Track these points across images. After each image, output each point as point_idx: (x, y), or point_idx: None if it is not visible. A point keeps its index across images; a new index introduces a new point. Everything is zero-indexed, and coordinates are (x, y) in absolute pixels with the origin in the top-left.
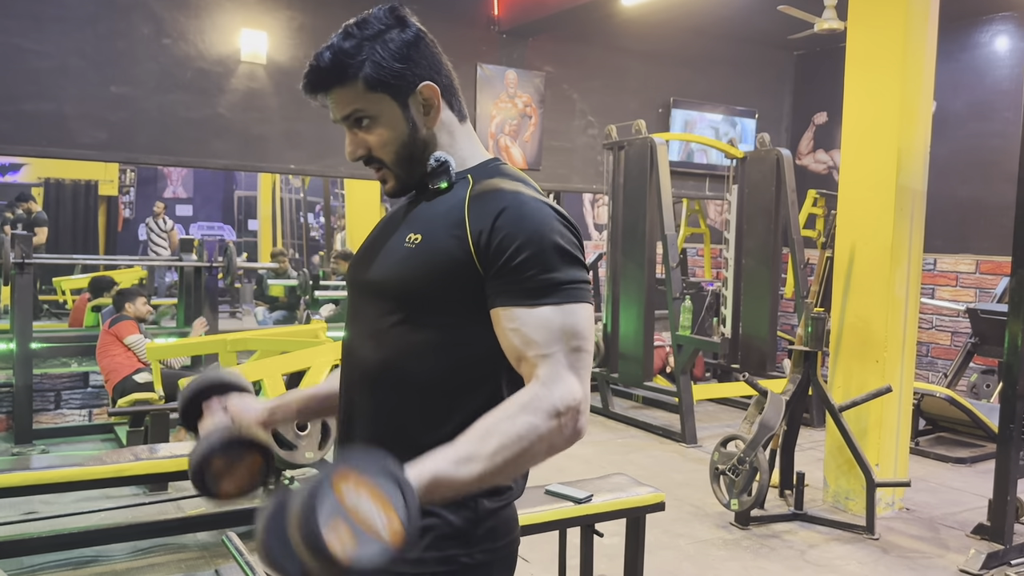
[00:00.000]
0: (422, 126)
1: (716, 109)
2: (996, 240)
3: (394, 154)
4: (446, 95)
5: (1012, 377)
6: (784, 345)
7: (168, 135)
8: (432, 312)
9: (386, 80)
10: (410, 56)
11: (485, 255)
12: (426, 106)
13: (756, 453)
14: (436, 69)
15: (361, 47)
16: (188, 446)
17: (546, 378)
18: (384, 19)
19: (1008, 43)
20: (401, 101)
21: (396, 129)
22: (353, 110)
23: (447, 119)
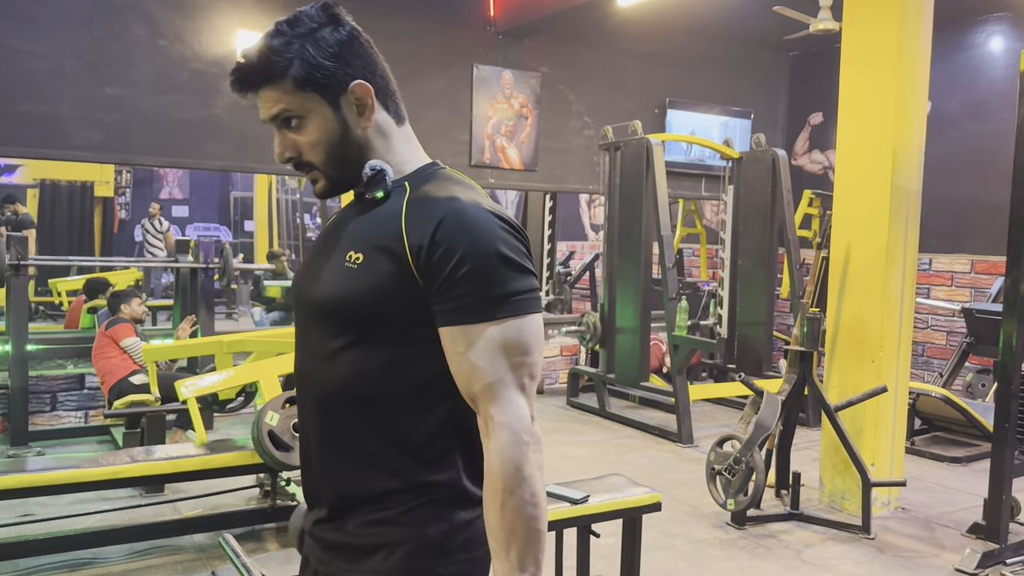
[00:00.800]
0: (355, 127)
1: (712, 110)
2: (991, 240)
3: (325, 155)
4: (381, 95)
5: (1007, 376)
6: (780, 345)
7: (164, 136)
8: (381, 333)
9: (316, 79)
10: (342, 55)
11: (426, 271)
12: (359, 106)
13: (752, 453)
14: (371, 69)
15: (291, 44)
16: (184, 448)
17: (498, 416)
18: (316, 17)
19: (1003, 43)
20: (332, 100)
21: (327, 129)
22: (282, 109)
23: (382, 120)
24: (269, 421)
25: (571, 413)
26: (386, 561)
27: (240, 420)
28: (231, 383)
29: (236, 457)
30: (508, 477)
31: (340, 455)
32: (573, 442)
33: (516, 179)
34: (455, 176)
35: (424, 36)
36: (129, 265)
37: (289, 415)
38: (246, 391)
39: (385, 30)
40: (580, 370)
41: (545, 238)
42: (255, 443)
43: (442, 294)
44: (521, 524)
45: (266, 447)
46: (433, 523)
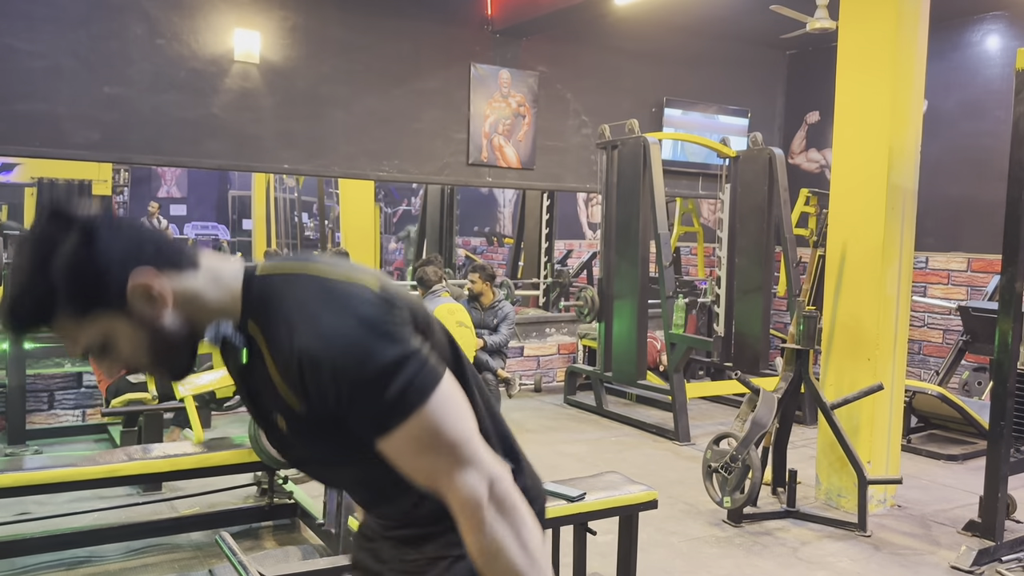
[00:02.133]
0: (160, 316)
1: (709, 108)
2: (987, 238)
3: (150, 357)
4: (162, 264)
5: (1003, 374)
6: (777, 343)
7: (162, 135)
8: (353, 461)
9: (92, 300)
10: (99, 258)
11: (318, 401)
12: (148, 300)
13: (749, 451)
14: (135, 247)
15: (43, 281)
16: (181, 446)
17: (453, 504)
18: (51, 234)
19: (999, 42)
20: (121, 308)
21: (136, 337)
22: (84, 345)
23: (180, 287)
24: None
25: (568, 411)
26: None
27: (238, 418)
28: (228, 381)
29: (233, 455)
30: (482, 561)
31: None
32: (570, 440)
33: (514, 178)
34: (276, 274)
35: (422, 35)
36: None
37: None
38: None
39: (383, 30)
40: (577, 368)
41: (543, 236)
42: (252, 441)
43: (351, 416)
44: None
45: (263, 445)
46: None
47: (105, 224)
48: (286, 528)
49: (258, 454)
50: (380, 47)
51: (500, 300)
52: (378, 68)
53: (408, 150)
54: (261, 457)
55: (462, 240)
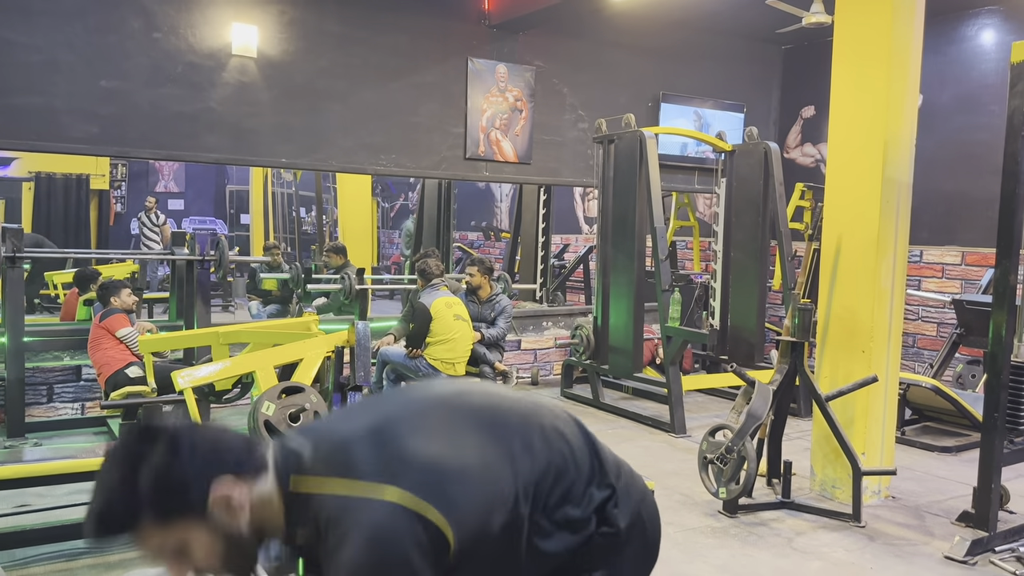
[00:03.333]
0: (237, 524)
1: (705, 103)
2: (981, 232)
3: (222, 561)
4: (240, 472)
5: (996, 367)
6: (772, 336)
7: (159, 129)
8: None
9: (177, 510)
10: (185, 471)
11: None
12: (227, 508)
13: (744, 442)
14: (217, 457)
15: (131, 493)
16: None
17: None
18: (138, 448)
19: (994, 36)
20: (199, 517)
21: (212, 543)
22: (160, 550)
23: (255, 494)
24: (265, 411)
25: (565, 404)
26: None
27: (236, 411)
28: (227, 374)
29: None
30: None
31: None
32: None
33: (510, 172)
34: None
35: (419, 29)
36: (125, 258)
37: (285, 405)
38: (242, 382)
39: (380, 23)
40: (574, 362)
41: (539, 231)
42: (251, 433)
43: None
44: None
45: (262, 436)
46: None
47: (188, 435)
48: None
49: None
50: (377, 41)
51: (498, 294)
52: (375, 62)
53: (405, 144)
54: None
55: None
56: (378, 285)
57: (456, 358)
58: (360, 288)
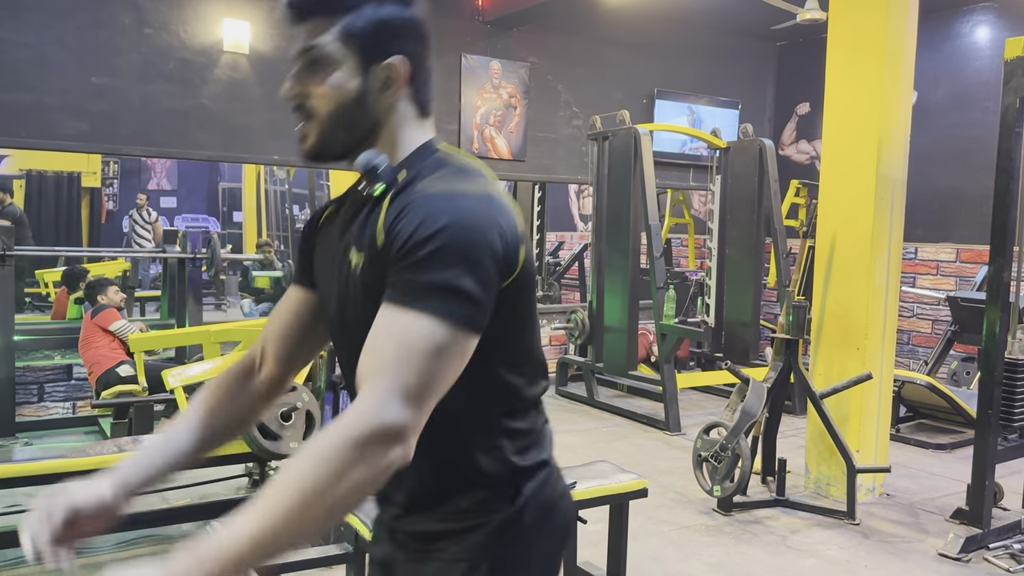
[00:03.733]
0: (373, 99)
1: (700, 100)
2: (976, 229)
3: (328, 111)
4: (414, 83)
5: (990, 364)
6: (767, 333)
7: (151, 126)
8: None
9: (361, 36)
10: (395, 32)
11: (387, 256)
12: (385, 82)
13: (738, 440)
14: (417, 57)
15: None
16: None
17: (361, 402)
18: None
19: (988, 33)
20: (364, 64)
21: (344, 86)
22: (314, 47)
23: (404, 107)
24: None
25: (560, 402)
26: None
27: None
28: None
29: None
30: (309, 455)
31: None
32: (562, 431)
33: (505, 169)
34: (452, 161)
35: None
36: (117, 256)
37: (276, 403)
38: None
39: None
40: (569, 359)
41: (534, 228)
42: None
43: (390, 275)
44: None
45: (253, 436)
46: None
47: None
48: None
49: (249, 445)
50: None
51: None
52: None
53: None
54: (252, 448)
55: None
56: None
57: None
58: None
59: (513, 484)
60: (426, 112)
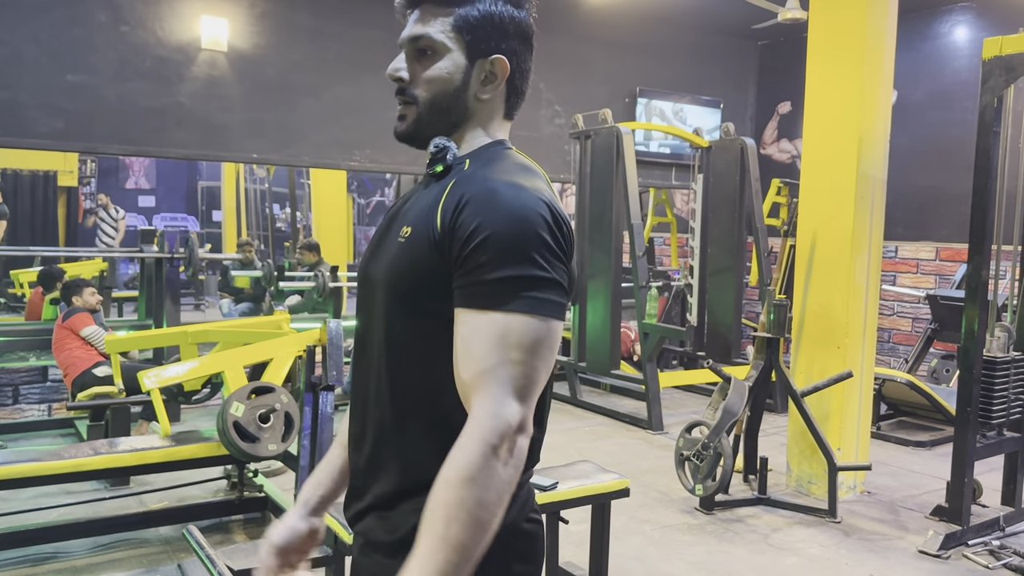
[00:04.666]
0: (472, 91)
1: (682, 99)
2: (955, 228)
3: (430, 95)
4: (511, 85)
5: (969, 362)
6: (749, 332)
7: (128, 124)
8: (421, 310)
9: (473, 28)
10: (507, 29)
11: (447, 245)
12: (488, 76)
13: (720, 439)
14: (519, 59)
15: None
16: (149, 440)
17: (477, 409)
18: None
19: (967, 33)
20: (470, 56)
21: (448, 75)
22: (426, 35)
23: (496, 104)
24: (234, 412)
25: None
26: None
27: (207, 411)
28: (196, 374)
29: (202, 449)
30: (457, 477)
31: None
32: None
33: None
34: (515, 158)
35: (393, 22)
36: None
37: (255, 405)
38: (212, 382)
39: (354, 17)
40: None
41: None
42: (220, 434)
43: (457, 271)
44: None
45: (231, 438)
46: None
47: (530, 31)
48: (256, 522)
49: (227, 447)
50: (351, 35)
51: None
52: (349, 56)
53: (380, 139)
54: (230, 450)
55: None
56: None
57: None
58: (334, 286)
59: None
60: (511, 114)
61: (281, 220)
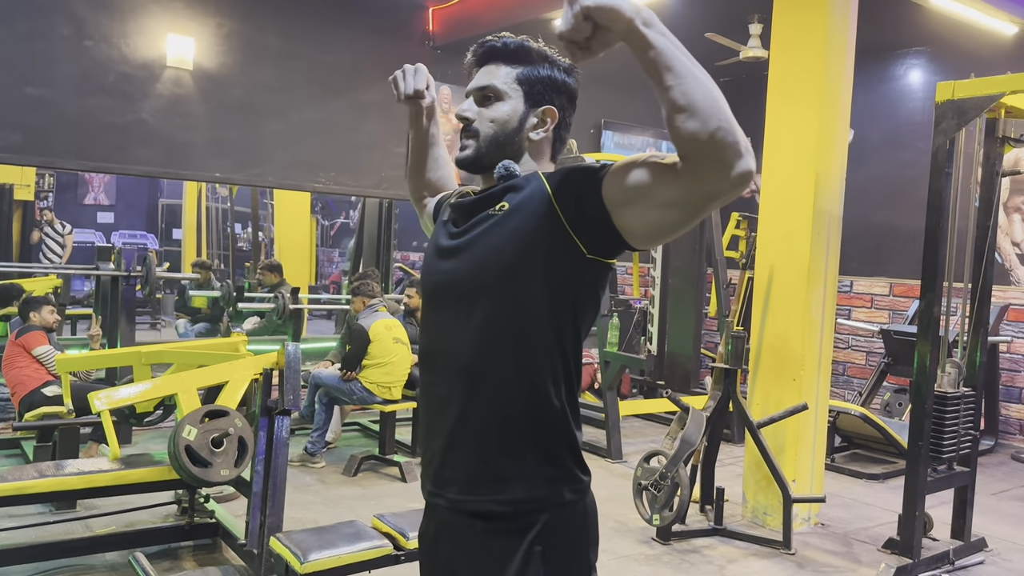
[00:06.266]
0: (526, 132)
1: (646, 131)
2: (908, 264)
3: (491, 131)
4: (557, 132)
5: (921, 396)
6: (707, 362)
7: (88, 139)
8: (517, 282)
9: (532, 83)
10: (558, 89)
11: (571, 197)
12: (540, 121)
13: (678, 469)
14: (566, 114)
15: (539, 56)
16: (97, 463)
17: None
18: (563, 64)
19: (921, 76)
20: (528, 104)
21: (509, 117)
22: (490, 85)
23: (544, 148)
24: (187, 435)
25: None
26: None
27: (159, 434)
28: (148, 395)
29: (152, 473)
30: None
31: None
32: None
33: None
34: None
35: (362, 47)
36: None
37: (208, 429)
38: (164, 404)
39: (322, 40)
40: None
41: None
42: (171, 458)
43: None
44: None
45: (183, 462)
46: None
47: (576, 98)
48: (207, 548)
49: (178, 471)
50: (319, 57)
51: None
52: (316, 78)
53: (346, 162)
54: (181, 475)
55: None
56: (314, 305)
57: (393, 382)
58: (294, 308)
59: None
60: (555, 158)
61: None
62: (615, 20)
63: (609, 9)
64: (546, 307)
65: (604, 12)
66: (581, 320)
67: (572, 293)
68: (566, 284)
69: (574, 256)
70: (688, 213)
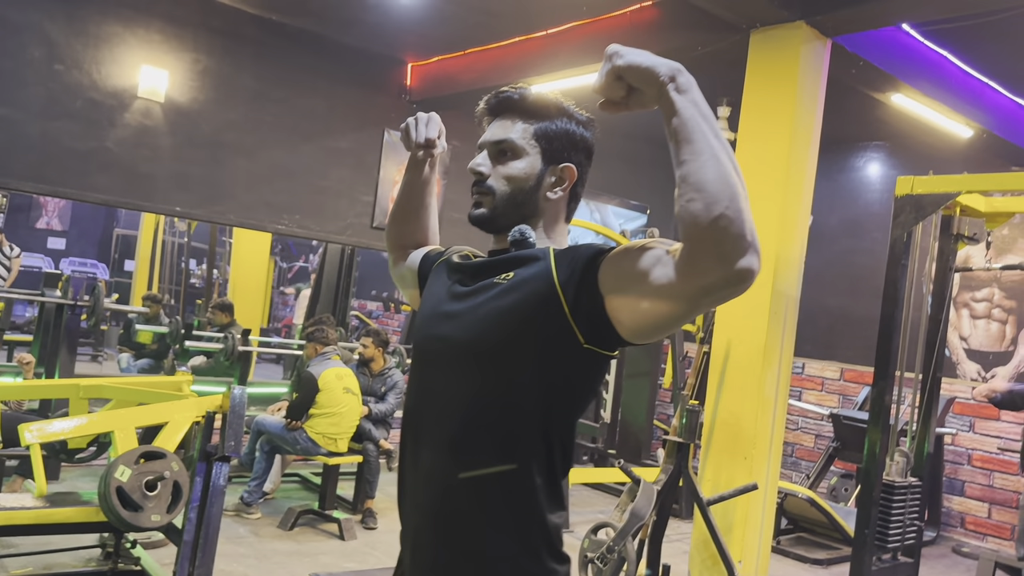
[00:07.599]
0: (543, 191)
1: (611, 200)
2: (860, 350)
3: (507, 190)
4: (573, 192)
5: (869, 484)
6: (660, 434)
7: (48, 163)
8: (511, 352)
9: (551, 139)
10: (578, 147)
11: (570, 283)
12: (558, 180)
13: (626, 542)
14: (582, 172)
15: (557, 112)
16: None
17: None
18: (582, 118)
19: (879, 169)
20: (545, 161)
21: (525, 175)
22: (506, 140)
23: (560, 206)
24: (119, 476)
25: None
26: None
27: (89, 472)
28: (83, 431)
29: (78, 513)
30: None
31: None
32: None
33: None
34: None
35: (337, 95)
36: None
37: (142, 471)
38: (99, 441)
39: (298, 84)
40: None
41: None
42: (101, 499)
43: (598, 274)
44: (719, 137)
45: (112, 504)
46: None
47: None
48: None
49: (106, 513)
50: (293, 102)
51: (391, 368)
52: (288, 122)
53: (311, 206)
54: (109, 517)
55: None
56: (264, 348)
57: (340, 433)
58: (243, 350)
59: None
60: (569, 218)
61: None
62: (648, 83)
63: (643, 70)
64: (537, 389)
65: (637, 73)
66: (572, 408)
67: (565, 380)
68: (559, 370)
69: (571, 343)
70: (680, 307)
